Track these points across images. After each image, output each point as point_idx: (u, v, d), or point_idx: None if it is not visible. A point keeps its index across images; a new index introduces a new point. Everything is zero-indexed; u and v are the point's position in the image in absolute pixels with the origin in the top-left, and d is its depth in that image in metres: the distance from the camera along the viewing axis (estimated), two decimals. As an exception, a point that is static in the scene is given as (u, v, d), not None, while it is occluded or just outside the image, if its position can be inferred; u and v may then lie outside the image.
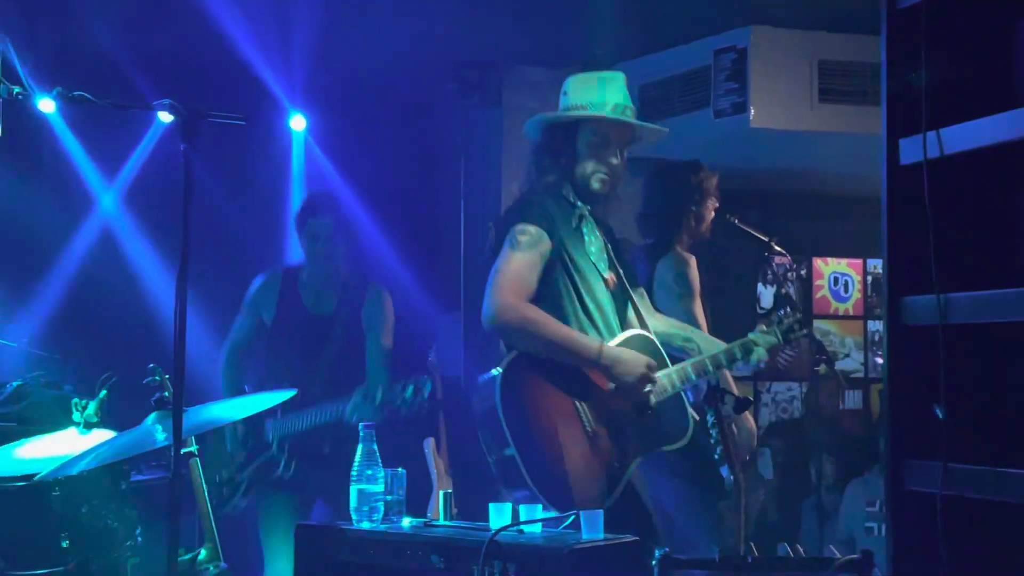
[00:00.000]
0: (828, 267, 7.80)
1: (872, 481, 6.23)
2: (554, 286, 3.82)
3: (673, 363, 3.98)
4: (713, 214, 4.95)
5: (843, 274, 7.82)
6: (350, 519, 3.46)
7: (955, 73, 2.68)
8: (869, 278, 7.85)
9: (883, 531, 5.86)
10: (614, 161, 3.95)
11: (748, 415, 4.77)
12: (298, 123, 6.70)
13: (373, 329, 5.05)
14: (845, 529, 6.27)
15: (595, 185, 3.93)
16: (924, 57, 2.63)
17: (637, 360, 3.75)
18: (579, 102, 3.95)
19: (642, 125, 4.01)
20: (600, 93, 3.94)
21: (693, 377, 3.96)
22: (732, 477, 3.86)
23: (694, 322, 4.58)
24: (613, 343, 3.84)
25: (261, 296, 5.13)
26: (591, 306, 3.86)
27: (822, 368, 4.90)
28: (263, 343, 5.13)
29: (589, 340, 3.76)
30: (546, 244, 3.79)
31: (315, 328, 5.04)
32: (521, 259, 3.76)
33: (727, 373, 4.61)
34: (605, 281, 3.94)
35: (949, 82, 2.67)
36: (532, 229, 3.78)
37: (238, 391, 5.07)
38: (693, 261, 4.78)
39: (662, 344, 4.01)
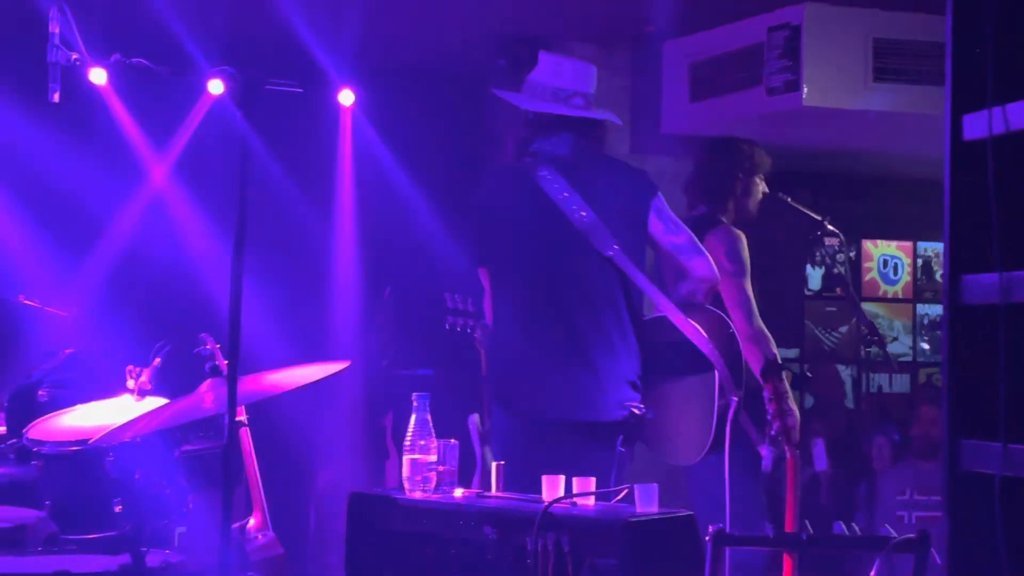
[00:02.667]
0: (878, 249, 7.74)
1: (902, 469, 6.16)
2: None
3: None
4: (761, 194, 4.91)
5: (893, 257, 7.76)
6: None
7: (1022, 47, 2.64)
8: (919, 261, 7.79)
9: (914, 519, 5.82)
10: None
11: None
12: (346, 97, 6.70)
13: None
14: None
15: None
16: (991, 30, 2.59)
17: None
18: None
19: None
20: None
21: None
22: (784, 454, 3.85)
23: (748, 301, 4.56)
24: None
25: None
26: None
27: (873, 350, 4.85)
28: None
29: None
30: None
31: None
32: None
33: None
34: None
35: (1016, 56, 2.63)
36: None
37: None
38: (744, 239, 4.75)
39: None
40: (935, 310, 7.81)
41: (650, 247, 4.04)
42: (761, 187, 4.87)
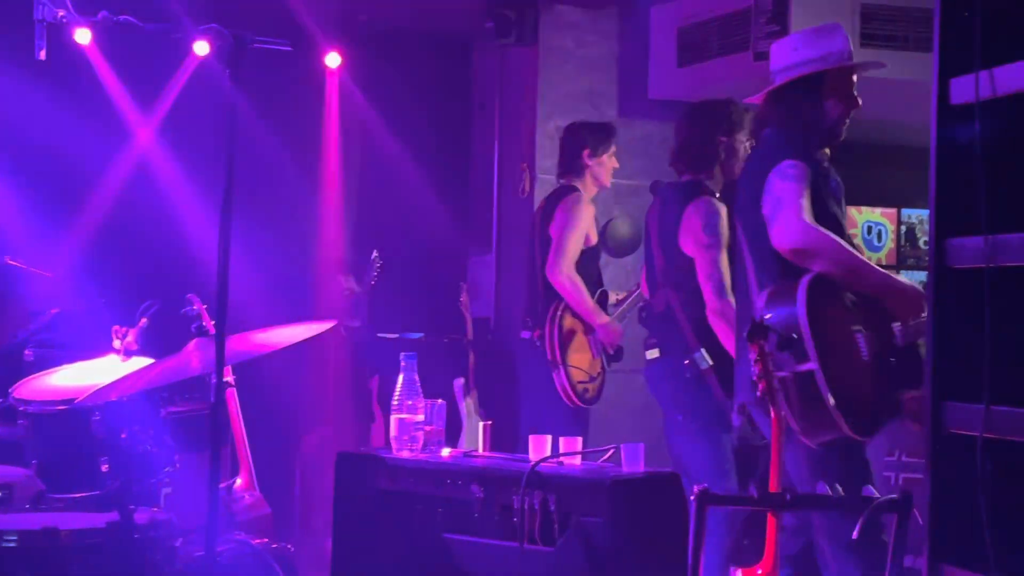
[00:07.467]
0: (862, 216, 7.77)
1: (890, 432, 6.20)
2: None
3: None
4: (747, 151, 4.90)
5: (876, 223, 7.79)
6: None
7: (1010, 11, 2.65)
8: (903, 228, 7.82)
9: (900, 480, 5.87)
10: None
11: None
12: (333, 59, 6.68)
13: None
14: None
15: None
16: (979, -5, 2.60)
17: None
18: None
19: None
20: None
21: None
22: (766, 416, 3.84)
23: (718, 275, 4.56)
24: None
25: (592, 218, 5.55)
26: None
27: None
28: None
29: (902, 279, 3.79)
30: None
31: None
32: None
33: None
34: None
35: (1004, 20, 2.64)
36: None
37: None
38: (724, 211, 4.74)
39: None
40: (918, 277, 7.85)
41: None
42: (746, 145, 4.85)
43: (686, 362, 4.54)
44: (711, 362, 4.49)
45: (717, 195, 4.76)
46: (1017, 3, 2.67)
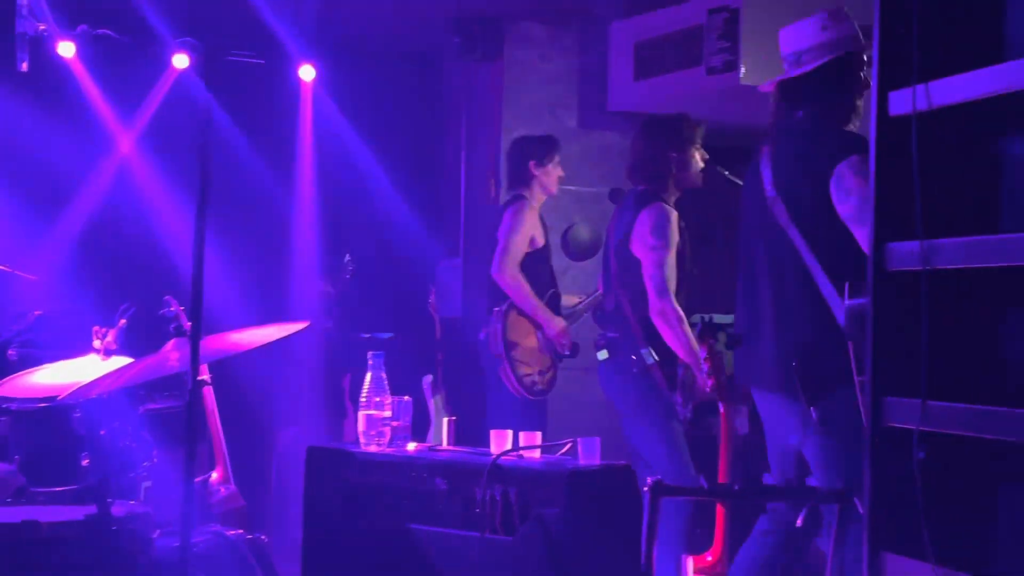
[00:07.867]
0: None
1: None
2: None
3: None
4: (701, 163, 5.02)
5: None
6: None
7: (946, 28, 2.74)
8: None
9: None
10: None
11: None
12: (307, 72, 6.77)
13: None
14: None
15: None
16: (916, 11, 2.69)
17: None
18: None
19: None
20: None
21: None
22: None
23: (661, 277, 4.67)
24: None
25: (539, 223, 5.73)
26: None
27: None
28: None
29: None
30: None
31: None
32: None
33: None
34: None
35: (939, 36, 2.72)
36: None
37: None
38: (675, 217, 4.82)
39: None
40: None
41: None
42: (698, 157, 4.96)
43: (633, 357, 4.69)
44: (657, 358, 4.65)
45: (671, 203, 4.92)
46: (953, 21, 2.74)
